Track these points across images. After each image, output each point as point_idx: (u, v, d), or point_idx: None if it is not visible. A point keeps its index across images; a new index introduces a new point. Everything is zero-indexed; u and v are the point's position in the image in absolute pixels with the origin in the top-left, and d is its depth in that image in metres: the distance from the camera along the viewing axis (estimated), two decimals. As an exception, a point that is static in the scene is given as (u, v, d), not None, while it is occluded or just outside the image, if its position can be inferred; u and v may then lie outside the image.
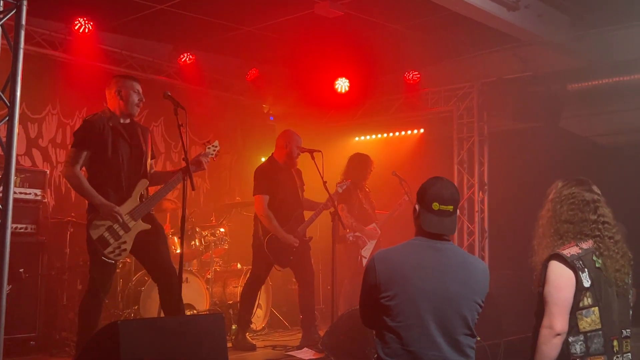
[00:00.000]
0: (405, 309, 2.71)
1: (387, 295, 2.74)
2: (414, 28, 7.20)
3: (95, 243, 4.30)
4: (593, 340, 2.85)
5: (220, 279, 6.86)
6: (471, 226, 7.67)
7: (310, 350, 5.38)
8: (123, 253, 4.42)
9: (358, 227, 6.63)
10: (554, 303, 2.85)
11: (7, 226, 3.49)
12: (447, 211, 2.83)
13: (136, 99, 4.56)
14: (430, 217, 2.83)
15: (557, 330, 2.82)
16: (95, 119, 4.48)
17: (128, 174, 4.49)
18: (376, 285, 2.78)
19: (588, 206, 2.98)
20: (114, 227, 4.36)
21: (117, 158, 4.44)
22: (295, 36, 7.54)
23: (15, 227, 5.31)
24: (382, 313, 2.76)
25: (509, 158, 7.52)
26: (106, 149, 4.41)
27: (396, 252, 2.90)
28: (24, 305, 5.39)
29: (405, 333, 2.70)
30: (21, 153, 6.75)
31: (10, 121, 3.57)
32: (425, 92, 8.11)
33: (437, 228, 2.84)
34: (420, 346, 2.69)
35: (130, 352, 3.30)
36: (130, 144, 4.54)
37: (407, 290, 2.73)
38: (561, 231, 2.98)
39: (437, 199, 2.83)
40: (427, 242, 2.85)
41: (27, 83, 3.84)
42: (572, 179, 3.10)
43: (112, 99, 4.57)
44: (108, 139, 4.43)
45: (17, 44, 3.60)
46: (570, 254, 2.88)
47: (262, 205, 5.70)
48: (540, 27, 6.75)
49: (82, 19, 6.79)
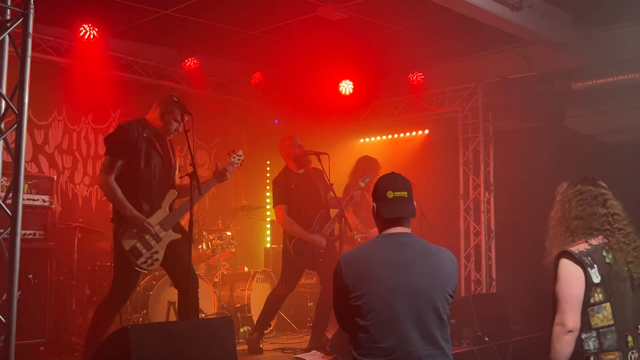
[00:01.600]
0: (375, 307, 2.71)
1: (355, 296, 2.74)
2: (418, 29, 7.20)
3: (128, 254, 4.33)
4: (606, 336, 2.85)
5: (227, 282, 6.88)
6: (477, 226, 7.66)
7: (319, 352, 5.38)
8: (155, 263, 4.46)
9: (363, 229, 6.63)
10: (565, 300, 2.86)
11: (16, 232, 3.51)
12: (402, 197, 2.88)
13: (173, 128, 4.62)
14: (388, 206, 2.88)
15: (568, 327, 2.84)
16: (130, 127, 4.48)
17: (159, 185, 4.54)
18: (344, 287, 2.78)
19: (596, 200, 3.00)
20: (145, 237, 4.40)
21: (149, 169, 4.48)
22: (299, 39, 7.56)
23: (23, 234, 5.33)
24: (353, 314, 2.76)
25: (515, 158, 7.52)
26: (139, 159, 4.44)
27: (361, 251, 2.92)
28: (34, 311, 5.41)
29: (377, 330, 2.70)
30: (28, 159, 6.80)
31: (19, 128, 3.59)
32: (430, 93, 8.12)
33: (395, 213, 2.87)
34: (393, 342, 2.68)
35: (141, 356, 3.32)
36: (162, 155, 4.59)
37: (376, 287, 2.73)
38: (572, 228, 3.00)
39: (390, 187, 2.89)
40: (390, 237, 2.87)
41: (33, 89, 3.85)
42: (576, 178, 3.13)
43: (154, 115, 4.60)
44: (142, 149, 4.45)
45: (25, 52, 3.62)
46: (578, 251, 2.90)
47: (281, 214, 5.71)
48: (544, 26, 6.74)
49: (87, 25, 6.83)
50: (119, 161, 4.40)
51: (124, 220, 4.38)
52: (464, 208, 7.75)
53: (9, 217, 3.53)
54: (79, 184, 7.28)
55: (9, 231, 3.52)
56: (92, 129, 7.42)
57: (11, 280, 3.46)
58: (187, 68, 7.90)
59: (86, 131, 7.39)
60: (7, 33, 3.62)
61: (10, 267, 3.48)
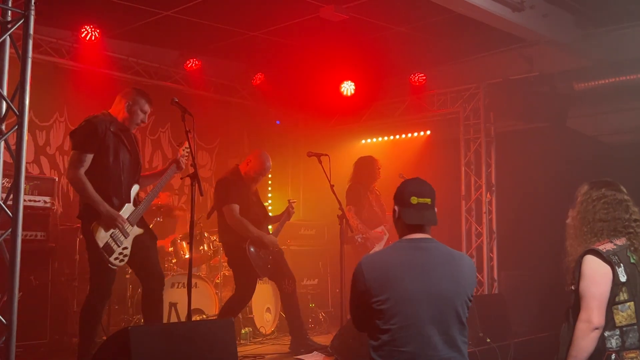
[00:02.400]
0: (399, 311, 2.72)
1: (379, 300, 2.74)
2: (419, 30, 7.20)
3: (102, 251, 4.30)
4: (629, 334, 2.89)
5: (229, 283, 6.86)
6: (479, 228, 7.65)
7: (320, 353, 5.37)
8: (125, 259, 4.43)
9: (364, 230, 6.62)
10: (592, 297, 2.88)
11: (17, 234, 3.51)
12: (425, 204, 2.88)
13: (139, 119, 4.60)
14: (411, 212, 2.88)
15: (595, 324, 2.85)
16: (98, 121, 4.44)
17: (127, 180, 4.51)
18: (366, 291, 2.78)
19: (620, 205, 3.05)
20: (116, 233, 4.38)
21: (118, 163, 4.44)
22: (300, 40, 7.56)
23: (25, 235, 5.31)
24: (374, 317, 2.77)
25: (516, 159, 7.50)
26: (108, 154, 4.41)
27: (383, 256, 2.94)
28: (35, 312, 5.42)
29: (400, 334, 2.71)
30: (30, 161, 6.80)
31: (20, 129, 3.58)
32: (431, 94, 8.11)
33: (418, 220, 2.88)
34: (416, 346, 2.70)
35: (142, 357, 3.31)
36: (129, 150, 4.56)
37: (399, 292, 2.74)
38: (595, 230, 3.03)
39: (415, 193, 2.89)
40: (412, 242, 2.88)
41: (34, 91, 3.86)
42: (599, 181, 3.17)
43: (119, 107, 4.57)
44: (110, 143, 4.42)
45: (26, 53, 3.61)
46: (605, 250, 2.93)
47: (234, 213, 5.48)
48: (546, 27, 6.73)
49: (88, 27, 6.84)
50: (87, 155, 4.34)
51: (93, 216, 4.33)
52: (466, 209, 7.74)
53: (10, 218, 3.52)
54: (80, 185, 7.27)
55: (10, 232, 3.51)
56: (93, 130, 7.41)
57: (12, 282, 3.46)
58: (189, 69, 7.91)
59: (87, 132, 7.39)
60: (7, 34, 3.61)
61: (11, 268, 3.47)
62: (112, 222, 4.33)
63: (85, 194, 4.35)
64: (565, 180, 3.26)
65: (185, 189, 8.16)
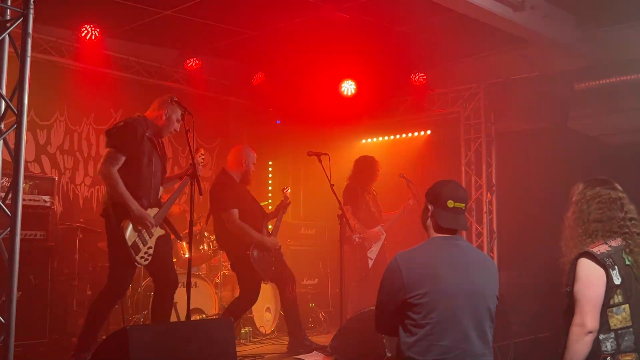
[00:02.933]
0: (437, 306, 2.76)
1: (417, 294, 2.78)
2: (420, 30, 7.18)
3: (130, 249, 4.36)
4: (624, 337, 2.85)
5: (229, 282, 6.86)
6: (479, 227, 7.64)
7: (320, 353, 5.37)
8: (149, 258, 4.51)
9: (361, 229, 6.62)
10: (586, 300, 2.86)
11: (16, 233, 3.50)
12: (460, 208, 2.97)
13: (173, 128, 4.71)
14: (446, 215, 2.94)
15: (588, 327, 2.83)
16: (137, 125, 4.52)
17: (155, 184, 4.62)
18: (403, 286, 2.80)
19: (615, 204, 3.01)
20: (143, 233, 4.45)
21: (150, 168, 4.54)
22: (300, 39, 7.54)
23: (24, 234, 5.33)
24: (412, 312, 2.79)
25: (517, 159, 7.48)
26: (143, 158, 4.49)
27: (420, 251, 2.98)
28: (34, 312, 5.41)
29: (437, 328, 2.75)
30: (30, 160, 6.80)
31: (19, 128, 3.58)
32: (432, 94, 8.10)
33: (453, 224, 2.95)
34: (452, 340, 2.75)
35: (140, 357, 3.31)
36: (160, 156, 4.67)
37: (438, 287, 2.79)
38: (590, 230, 2.99)
39: (452, 197, 2.96)
40: (447, 240, 2.95)
41: (35, 90, 3.86)
42: (593, 179, 3.13)
43: (158, 114, 4.66)
44: (145, 148, 4.51)
45: (24, 52, 3.61)
46: (600, 252, 2.89)
47: (234, 218, 5.46)
48: (547, 27, 6.71)
49: (88, 26, 6.83)
50: (122, 156, 4.41)
51: (122, 214, 4.38)
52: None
53: (9, 218, 3.52)
54: (80, 185, 7.28)
55: (9, 231, 3.51)
56: (93, 130, 7.43)
57: (10, 281, 3.45)
58: (189, 68, 7.90)
59: (87, 132, 7.40)
60: (6, 33, 3.61)
61: (9, 268, 3.47)
62: (141, 221, 4.40)
63: (117, 192, 4.39)
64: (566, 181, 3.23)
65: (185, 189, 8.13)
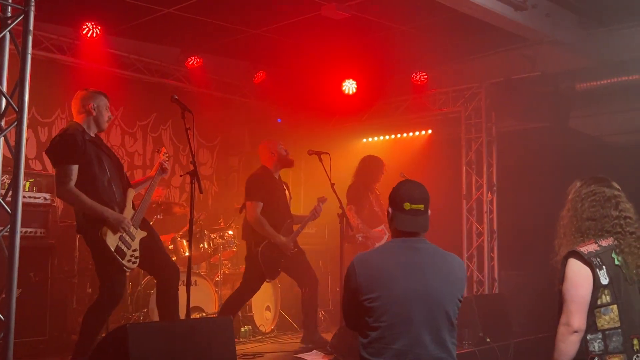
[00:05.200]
0: (389, 309, 2.75)
1: (369, 297, 2.77)
2: (421, 29, 7.18)
3: (114, 254, 4.28)
4: (612, 338, 2.83)
5: (229, 281, 6.86)
6: (480, 227, 7.63)
7: (320, 352, 5.37)
8: (137, 260, 4.43)
9: (364, 229, 6.62)
10: (572, 300, 2.85)
11: (16, 230, 3.51)
12: (418, 210, 2.89)
13: (107, 117, 4.55)
14: (403, 217, 2.89)
15: (574, 327, 2.82)
16: (75, 132, 4.32)
17: (117, 185, 4.46)
18: (358, 289, 2.81)
19: (609, 202, 2.98)
20: (123, 236, 4.37)
21: (103, 170, 4.38)
22: (302, 38, 7.54)
23: (24, 231, 5.33)
24: (365, 314, 2.79)
25: (518, 158, 7.48)
26: (92, 162, 4.32)
27: (375, 254, 2.98)
28: (34, 309, 5.40)
29: (389, 332, 2.73)
30: (32, 157, 6.80)
31: (19, 126, 3.58)
32: (433, 93, 8.09)
33: (411, 227, 2.90)
34: (405, 344, 2.72)
35: (139, 355, 3.31)
36: (108, 154, 4.51)
37: (391, 291, 2.76)
38: (583, 229, 2.97)
39: (408, 199, 2.90)
40: (405, 242, 2.90)
41: (36, 88, 3.85)
42: (590, 177, 3.10)
43: (84, 113, 4.45)
44: (91, 151, 4.34)
45: (25, 49, 3.61)
46: (587, 251, 2.88)
47: (255, 211, 5.58)
48: (548, 26, 6.71)
49: (90, 24, 6.84)
50: (73, 167, 4.21)
51: (98, 223, 4.26)
52: (467, 208, 7.72)
53: (9, 215, 3.52)
54: (81, 182, 7.26)
55: (9, 229, 3.51)
56: (94, 127, 7.41)
57: (10, 278, 3.46)
58: (190, 67, 7.90)
59: (88, 129, 7.38)
60: (7, 30, 3.61)
61: (9, 265, 3.47)
62: (119, 225, 4.30)
63: (83, 206, 4.25)
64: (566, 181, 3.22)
65: (186, 187, 8.15)
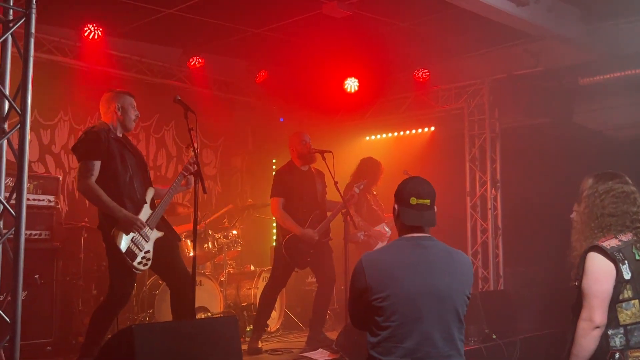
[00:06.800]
0: (400, 308, 2.75)
1: (379, 297, 2.77)
2: (423, 26, 7.16)
3: (125, 256, 4.27)
4: (633, 333, 2.84)
5: (234, 281, 6.87)
6: (484, 224, 7.62)
7: (325, 350, 5.37)
8: (148, 262, 4.41)
9: (365, 227, 6.63)
10: (594, 295, 2.84)
11: (20, 233, 3.50)
12: (424, 205, 2.90)
13: (134, 116, 4.60)
14: (410, 212, 2.90)
15: (596, 322, 2.82)
16: (99, 130, 4.42)
17: (139, 183, 4.49)
18: (366, 288, 2.80)
19: (628, 198, 2.99)
20: (137, 238, 4.36)
21: (126, 168, 4.42)
22: (303, 37, 7.53)
23: (29, 234, 5.34)
24: (375, 314, 2.79)
25: (522, 154, 7.46)
26: (115, 159, 4.38)
27: (383, 253, 2.98)
28: (40, 311, 5.42)
29: (400, 331, 2.74)
30: (35, 159, 6.82)
31: (22, 129, 3.58)
32: (436, 90, 8.08)
33: (417, 221, 2.91)
34: (415, 342, 2.73)
35: (145, 355, 3.31)
36: (133, 153, 4.56)
37: (400, 289, 2.76)
38: (603, 225, 2.97)
39: (414, 193, 2.91)
40: (412, 240, 2.90)
41: (38, 90, 3.85)
42: (603, 173, 3.11)
43: (110, 113, 4.53)
44: (115, 149, 4.40)
45: (27, 52, 3.60)
46: (610, 246, 2.88)
47: (277, 207, 5.77)
48: (551, 21, 6.68)
49: (91, 25, 6.84)
50: (95, 163, 4.29)
51: (112, 223, 4.30)
52: (471, 205, 7.71)
53: (13, 218, 3.52)
54: (85, 184, 7.27)
55: (13, 231, 3.51)
56: (97, 129, 7.42)
57: (16, 281, 3.45)
58: (192, 67, 7.89)
59: (92, 131, 7.39)
60: (9, 33, 3.61)
61: (14, 268, 3.47)
62: (130, 226, 4.30)
63: (99, 203, 4.31)
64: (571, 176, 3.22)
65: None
